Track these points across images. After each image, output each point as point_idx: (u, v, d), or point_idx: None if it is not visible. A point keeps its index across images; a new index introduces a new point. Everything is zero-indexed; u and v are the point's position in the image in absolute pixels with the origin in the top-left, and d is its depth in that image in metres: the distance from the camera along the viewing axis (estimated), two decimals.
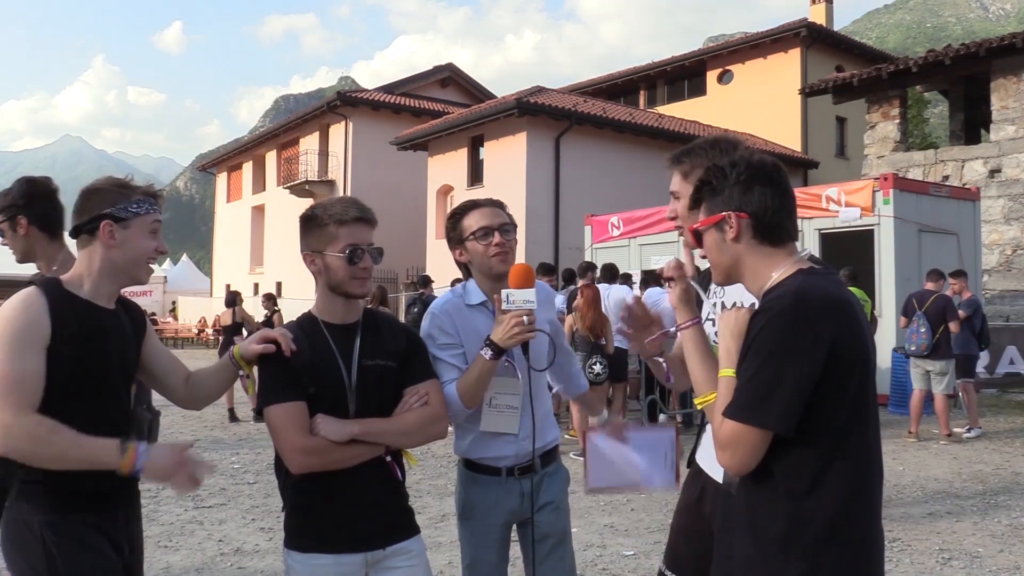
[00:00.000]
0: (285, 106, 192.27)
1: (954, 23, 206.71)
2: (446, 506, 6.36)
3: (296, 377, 2.20)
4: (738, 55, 27.71)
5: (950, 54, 16.31)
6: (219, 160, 37.40)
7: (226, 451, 8.80)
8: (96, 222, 2.13)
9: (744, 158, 1.87)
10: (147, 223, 2.18)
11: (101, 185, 2.20)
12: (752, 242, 1.82)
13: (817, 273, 1.76)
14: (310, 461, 2.17)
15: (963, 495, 6.67)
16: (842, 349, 1.65)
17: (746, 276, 1.85)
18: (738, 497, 1.81)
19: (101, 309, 2.15)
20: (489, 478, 2.58)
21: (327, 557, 2.21)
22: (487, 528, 2.58)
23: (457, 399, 2.44)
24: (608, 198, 18.58)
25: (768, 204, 1.80)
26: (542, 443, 2.62)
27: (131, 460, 2.00)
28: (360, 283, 2.27)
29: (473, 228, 2.58)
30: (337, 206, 2.29)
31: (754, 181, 1.81)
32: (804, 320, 1.64)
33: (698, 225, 1.90)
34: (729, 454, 1.69)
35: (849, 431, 1.69)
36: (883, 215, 10.92)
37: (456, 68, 33.13)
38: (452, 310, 2.57)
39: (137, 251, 2.17)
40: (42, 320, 2.01)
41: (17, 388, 1.95)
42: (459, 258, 2.65)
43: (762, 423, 1.64)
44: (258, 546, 5.34)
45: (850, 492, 1.69)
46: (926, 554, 5.11)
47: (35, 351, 1.98)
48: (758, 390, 1.64)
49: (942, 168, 16.74)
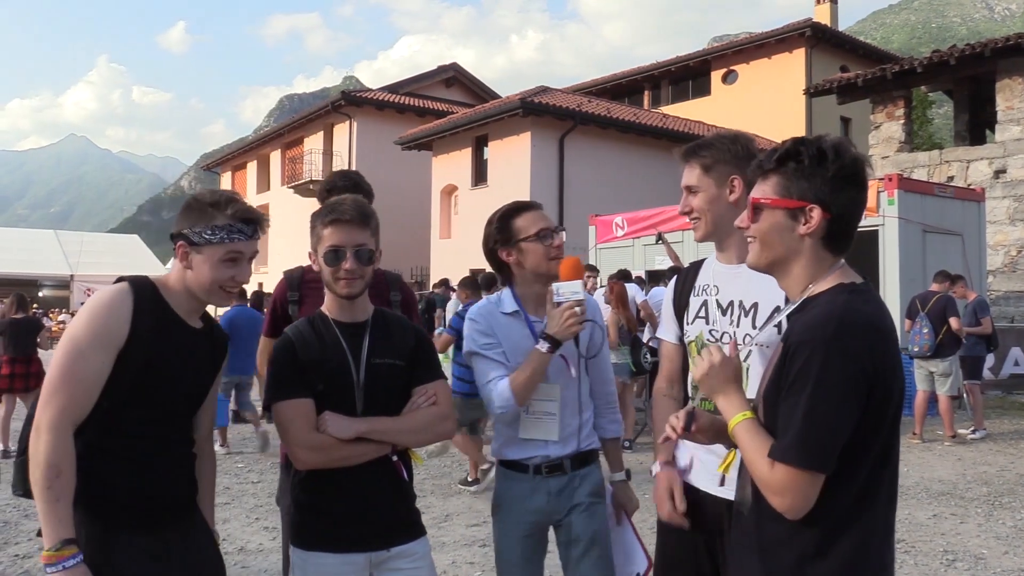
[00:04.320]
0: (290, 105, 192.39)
1: (959, 23, 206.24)
2: (450, 506, 6.37)
3: (305, 374, 2.21)
4: (742, 55, 27.69)
5: (955, 54, 16.27)
6: (224, 159, 37.47)
7: (230, 450, 8.81)
8: (175, 238, 2.08)
9: (846, 148, 1.67)
10: (221, 252, 2.04)
11: (193, 199, 2.12)
12: (818, 244, 1.68)
13: (858, 292, 1.65)
14: (316, 458, 2.18)
15: (968, 497, 6.65)
16: (883, 378, 1.56)
17: (791, 275, 1.72)
18: (749, 519, 1.72)
19: (184, 325, 2.11)
20: (518, 474, 2.57)
21: (331, 556, 2.21)
22: (512, 523, 2.57)
23: (510, 395, 2.45)
24: (612, 198, 18.58)
25: (852, 209, 1.67)
26: (575, 447, 2.60)
27: (53, 560, 1.83)
28: (344, 284, 2.25)
29: (532, 230, 2.56)
30: (327, 206, 2.29)
31: (850, 181, 1.65)
32: (851, 353, 1.53)
33: (768, 200, 1.69)
34: (789, 500, 1.55)
35: (882, 462, 1.61)
36: (887, 216, 10.88)
37: (460, 68, 33.15)
38: (488, 315, 2.60)
39: (205, 277, 2.06)
40: (122, 322, 1.98)
41: (71, 385, 1.92)
42: (506, 259, 2.61)
43: (824, 467, 1.53)
44: (262, 545, 5.35)
45: (874, 526, 1.61)
46: (930, 555, 5.10)
47: (106, 353, 1.96)
48: (815, 432, 1.52)
49: (947, 169, 16.70)
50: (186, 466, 2.18)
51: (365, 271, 2.26)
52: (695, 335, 2.33)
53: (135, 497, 2.01)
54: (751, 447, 1.62)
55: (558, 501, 2.55)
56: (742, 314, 2.25)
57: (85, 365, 1.94)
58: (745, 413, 1.66)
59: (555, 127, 20.17)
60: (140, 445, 2.03)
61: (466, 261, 19.49)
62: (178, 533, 2.11)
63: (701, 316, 2.33)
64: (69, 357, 1.94)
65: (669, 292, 2.51)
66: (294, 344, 2.26)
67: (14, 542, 5.44)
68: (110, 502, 1.99)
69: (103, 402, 1.97)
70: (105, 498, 1.99)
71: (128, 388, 1.99)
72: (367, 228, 2.28)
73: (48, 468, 1.86)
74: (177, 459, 2.14)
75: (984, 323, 9.51)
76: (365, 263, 2.26)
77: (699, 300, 2.36)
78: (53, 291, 28.79)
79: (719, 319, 2.29)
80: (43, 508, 1.86)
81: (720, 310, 2.29)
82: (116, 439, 2.01)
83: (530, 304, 2.61)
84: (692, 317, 2.36)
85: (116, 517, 1.99)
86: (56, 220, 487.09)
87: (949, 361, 8.91)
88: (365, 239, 2.26)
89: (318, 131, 28.69)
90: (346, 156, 26.72)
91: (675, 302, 2.45)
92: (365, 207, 2.31)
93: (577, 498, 2.56)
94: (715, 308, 2.30)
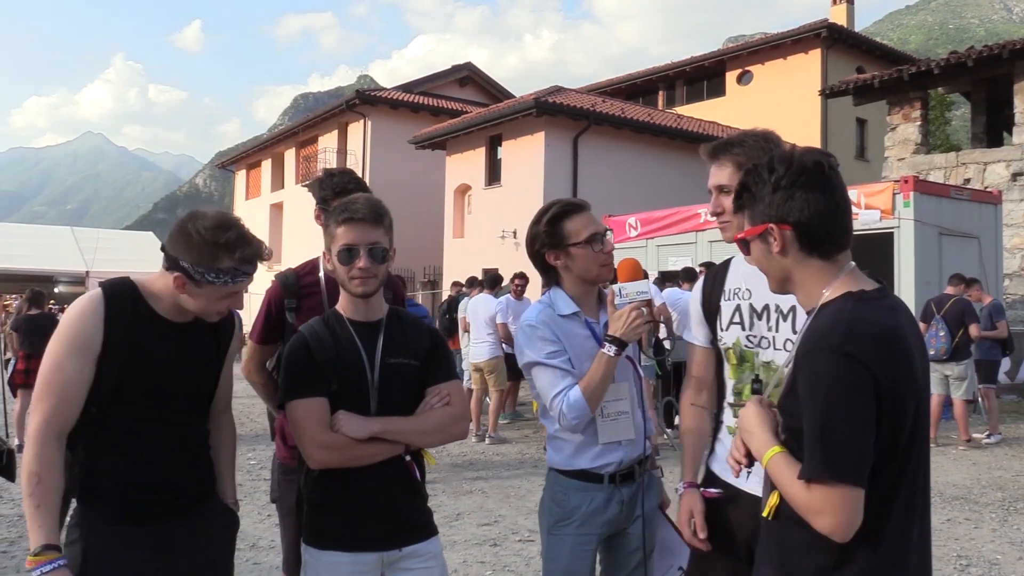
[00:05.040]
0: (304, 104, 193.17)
1: (977, 24, 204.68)
2: (461, 505, 6.38)
3: (319, 373, 2.21)
4: (758, 56, 27.56)
5: (973, 56, 16.14)
6: (238, 157, 37.61)
7: (243, 446, 8.85)
8: (173, 267, 2.04)
9: (783, 158, 1.69)
10: (222, 292, 2.06)
11: (197, 231, 2.00)
12: (799, 255, 1.68)
13: (866, 299, 1.62)
14: (329, 457, 2.18)
15: (982, 501, 6.61)
16: (893, 385, 1.53)
17: (798, 291, 1.73)
18: (770, 528, 1.69)
19: (166, 322, 2.10)
20: (592, 485, 2.48)
21: (344, 555, 2.22)
22: (586, 537, 2.48)
23: (584, 404, 2.38)
24: (626, 198, 18.53)
25: (812, 212, 1.64)
26: (643, 449, 2.58)
27: (35, 564, 1.88)
28: (358, 283, 2.25)
29: (583, 235, 2.48)
30: (341, 205, 2.29)
31: (795, 186, 1.65)
32: (857, 360, 1.50)
33: (742, 235, 1.76)
34: (830, 518, 1.50)
35: (901, 472, 1.58)
36: (903, 218, 10.81)
37: (475, 67, 33.14)
38: (549, 321, 2.49)
39: (203, 308, 2.09)
40: (95, 329, 2.01)
41: (51, 393, 1.98)
42: (554, 262, 2.53)
43: (854, 478, 1.49)
44: (273, 542, 5.36)
45: (897, 540, 1.58)
46: (944, 560, 5.06)
47: (83, 360, 1.99)
48: (835, 443, 1.50)
49: (963, 171, 16.58)
50: (194, 458, 2.18)
51: (379, 269, 2.26)
52: (732, 342, 2.28)
53: (133, 491, 2.04)
54: (785, 477, 1.59)
55: (629, 509, 2.51)
56: (780, 318, 2.21)
57: (63, 375, 1.99)
58: (775, 448, 1.63)
59: (569, 127, 20.14)
60: (136, 442, 2.05)
61: (479, 261, 19.51)
62: (184, 525, 2.12)
63: (736, 322, 2.28)
64: (47, 369, 2.00)
65: (697, 294, 2.45)
66: (309, 343, 2.26)
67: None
68: (109, 498, 2.03)
69: (91, 406, 2.01)
70: (104, 494, 2.03)
71: (114, 390, 2.02)
72: (381, 226, 2.27)
73: (30, 476, 1.92)
74: (180, 452, 2.14)
75: (1000, 327, 9.46)
76: (379, 261, 2.25)
77: (731, 304, 2.31)
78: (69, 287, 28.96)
79: (755, 323, 2.24)
80: (27, 514, 1.92)
81: (755, 314, 2.24)
82: (111, 437, 2.04)
83: (583, 304, 2.55)
84: (726, 323, 2.31)
85: (116, 512, 2.03)
86: (72, 217, 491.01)
87: (964, 365, 8.86)
88: (379, 237, 2.26)
89: (332, 130, 28.76)
90: (360, 155, 26.78)
91: (704, 305, 2.39)
92: (379, 206, 2.30)
93: (640, 508, 2.53)
94: (749, 312, 2.25)
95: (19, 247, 26.72)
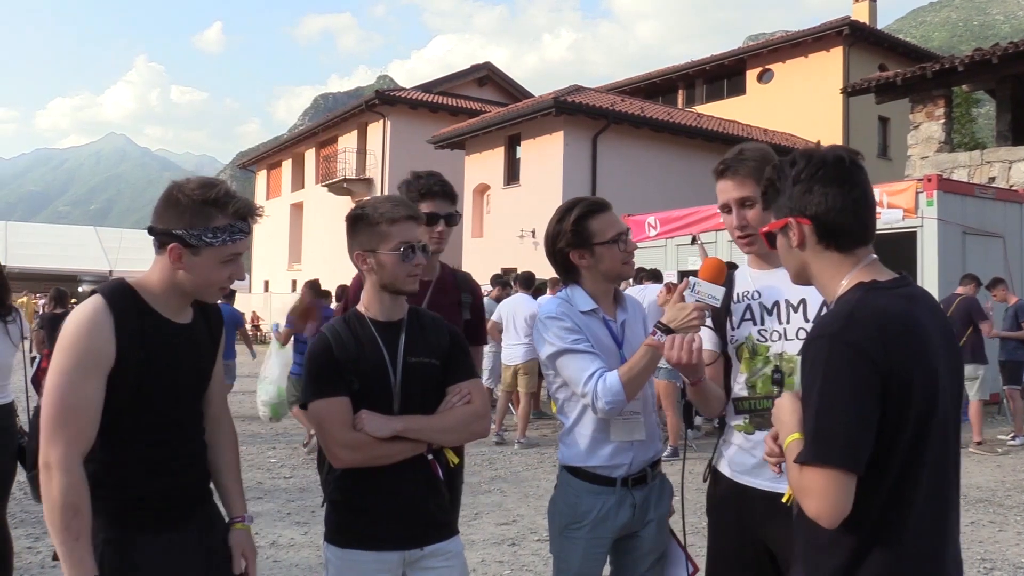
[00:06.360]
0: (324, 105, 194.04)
1: (1002, 21, 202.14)
2: (479, 504, 6.38)
3: (341, 373, 2.23)
4: (779, 54, 27.36)
5: (998, 52, 15.93)
6: (259, 158, 37.88)
7: (263, 445, 8.92)
8: (166, 240, 1.97)
9: (805, 153, 1.73)
10: (222, 254, 1.98)
11: (184, 194, 1.95)
12: (817, 248, 1.71)
13: (879, 288, 1.63)
14: (353, 456, 2.19)
15: (1007, 504, 6.53)
16: (902, 373, 1.52)
17: (816, 284, 1.76)
18: (798, 525, 1.69)
19: (172, 324, 2.04)
20: (605, 488, 2.47)
21: (366, 554, 2.23)
22: (597, 541, 2.47)
23: (620, 389, 2.35)
24: (645, 198, 18.48)
25: (830, 205, 1.67)
26: (656, 451, 2.58)
27: None
28: (413, 280, 2.31)
29: (608, 234, 2.50)
30: (386, 204, 2.31)
31: (814, 180, 1.68)
32: (855, 346, 1.51)
33: (767, 228, 1.81)
34: (815, 502, 1.52)
35: (921, 462, 1.56)
36: (926, 217, 10.71)
37: (493, 67, 33.17)
38: (569, 312, 2.50)
39: (204, 280, 2.01)
40: (107, 344, 1.90)
41: (73, 418, 1.86)
42: (578, 261, 2.53)
43: (843, 463, 1.49)
44: (293, 540, 5.40)
45: (919, 528, 1.57)
46: (968, 563, 5.01)
47: (97, 378, 1.89)
48: (827, 427, 1.51)
49: (988, 169, 16.37)
50: (197, 459, 2.17)
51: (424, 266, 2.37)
52: (743, 338, 2.33)
53: (152, 497, 2.01)
54: (789, 461, 1.62)
55: (641, 513, 2.51)
56: (790, 311, 2.27)
57: (80, 396, 1.87)
58: (795, 435, 1.63)
59: (588, 126, 20.11)
60: (148, 449, 2.01)
61: (498, 260, 19.52)
62: (201, 522, 2.13)
63: (747, 319, 2.33)
64: (62, 390, 1.87)
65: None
66: (331, 343, 2.27)
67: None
68: (129, 507, 1.99)
69: (104, 420, 1.92)
70: (123, 504, 1.98)
71: (126, 403, 1.95)
72: (422, 224, 2.41)
73: (65, 509, 1.82)
74: (187, 450, 2.12)
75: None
76: (427, 259, 2.37)
77: (741, 305, 2.35)
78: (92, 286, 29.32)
79: (767, 319, 2.30)
80: (63, 549, 1.82)
81: (766, 311, 2.31)
82: (122, 446, 1.98)
83: (600, 303, 2.56)
84: (738, 321, 2.34)
85: (136, 519, 1.99)
86: (96, 217, 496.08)
87: (975, 365, 8.78)
88: (422, 234, 2.39)
89: (352, 130, 28.88)
90: (380, 155, 26.88)
91: (712, 312, 2.39)
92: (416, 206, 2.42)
93: (652, 512, 2.53)
94: (760, 310, 2.31)
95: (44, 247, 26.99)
